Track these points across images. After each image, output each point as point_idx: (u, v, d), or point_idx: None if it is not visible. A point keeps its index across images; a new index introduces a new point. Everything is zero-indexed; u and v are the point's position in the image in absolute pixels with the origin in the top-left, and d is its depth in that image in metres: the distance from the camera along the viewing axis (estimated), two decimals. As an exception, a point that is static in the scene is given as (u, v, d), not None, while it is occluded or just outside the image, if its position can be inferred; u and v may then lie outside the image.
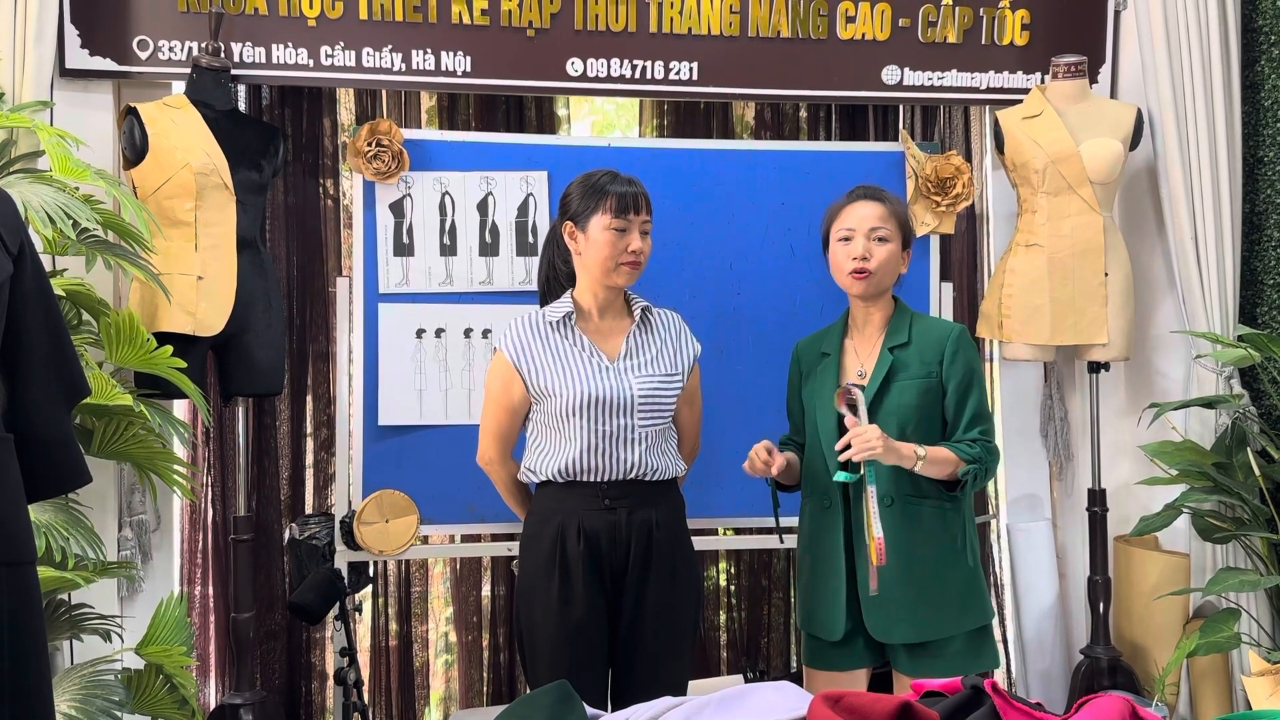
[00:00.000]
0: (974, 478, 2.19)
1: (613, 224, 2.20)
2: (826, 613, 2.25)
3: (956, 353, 2.23)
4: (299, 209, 3.30)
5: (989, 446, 2.22)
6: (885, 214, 2.27)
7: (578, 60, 3.13)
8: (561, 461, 2.23)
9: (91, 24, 2.90)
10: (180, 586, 3.14)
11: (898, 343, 2.26)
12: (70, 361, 1.74)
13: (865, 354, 2.30)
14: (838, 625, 2.23)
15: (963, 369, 2.23)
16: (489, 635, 3.43)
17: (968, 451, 2.18)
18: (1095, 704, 1.31)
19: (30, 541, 1.63)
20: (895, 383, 2.22)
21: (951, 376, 2.23)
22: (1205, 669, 3.10)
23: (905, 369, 2.23)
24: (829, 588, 2.25)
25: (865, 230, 2.25)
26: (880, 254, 2.24)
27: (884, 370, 2.23)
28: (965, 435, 2.21)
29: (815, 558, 2.29)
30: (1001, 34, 3.29)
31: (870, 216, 2.26)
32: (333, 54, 3.02)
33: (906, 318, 2.31)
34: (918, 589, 2.18)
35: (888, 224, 2.26)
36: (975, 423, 2.22)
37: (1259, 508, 2.87)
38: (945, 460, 2.16)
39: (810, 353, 2.38)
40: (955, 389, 2.23)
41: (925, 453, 2.14)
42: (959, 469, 2.17)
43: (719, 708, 1.44)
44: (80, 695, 2.21)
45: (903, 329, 2.28)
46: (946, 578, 2.21)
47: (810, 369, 2.36)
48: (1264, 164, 3.18)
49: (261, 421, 3.25)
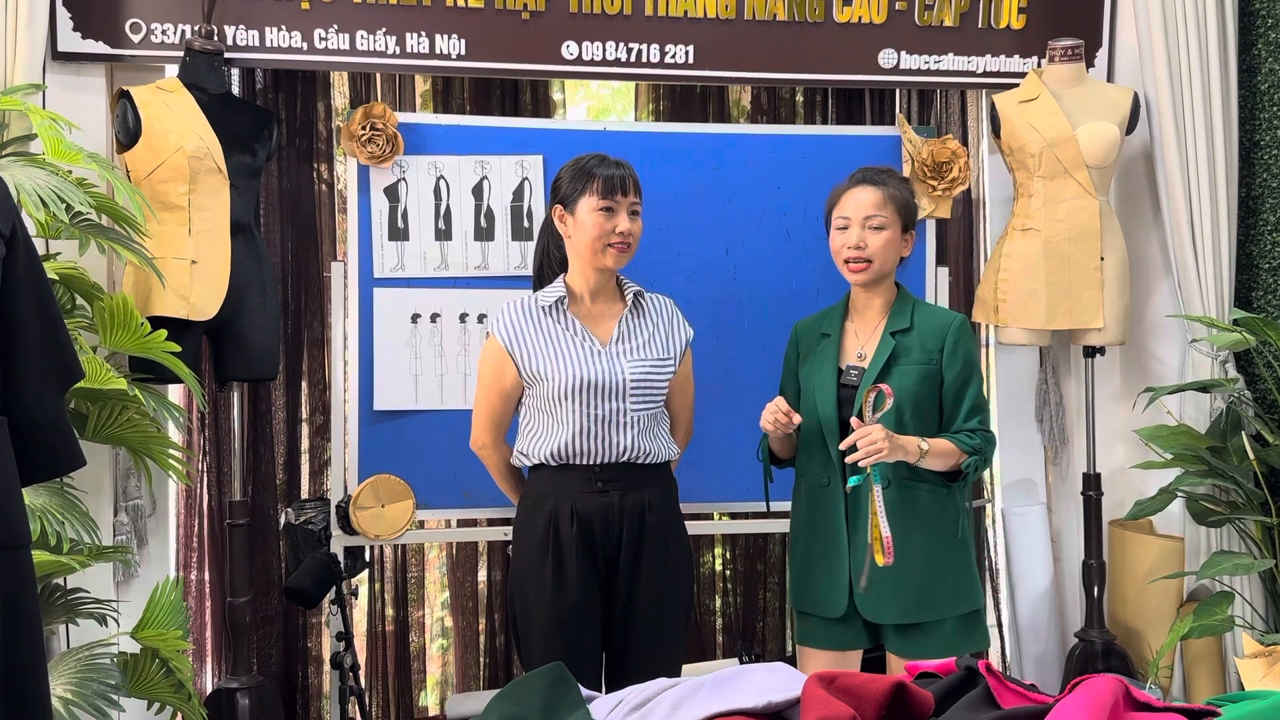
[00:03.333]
0: (974, 469, 2.21)
1: (600, 205, 2.20)
2: (826, 591, 2.26)
3: (958, 342, 2.24)
4: (293, 193, 3.28)
5: (987, 436, 2.24)
6: (882, 200, 2.26)
7: (573, 43, 3.11)
8: (554, 445, 2.23)
9: (84, 7, 2.88)
10: (176, 571, 3.14)
11: (900, 327, 2.26)
12: (63, 345, 1.73)
13: (866, 337, 2.30)
14: (839, 603, 2.24)
15: (963, 359, 2.24)
16: (485, 620, 3.44)
17: (968, 443, 2.20)
18: (1089, 684, 1.31)
19: (24, 525, 1.63)
20: (897, 367, 2.23)
21: (951, 366, 2.24)
22: (1199, 652, 3.11)
23: (907, 354, 2.23)
24: (829, 566, 2.25)
25: (860, 219, 2.25)
26: (876, 243, 2.24)
27: (886, 354, 2.24)
28: (965, 425, 2.22)
29: (813, 537, 2.29)
30: (998, 17, 3.28)
31: (866, 204, 2.25)
32: (326, 37, 3.01)
33: (909, 303, 2.31)
34: (912, 571, 2.19)
35: (884, 210, 2.25)
36: (974, 413, 2.23)
37: (1253, 491, 2.88)
38: (948, 452, 2.18)
39: (810, 333, 2.38)
40: (955, 379, 2.24)
41: (929, 446, 2.15)
42: (961, 461, 2.19)
43: (713, 689, 1.44)
44: (76, 679, 2.21)
45: (905, 314, 2.28)
46: (941, 561, 2.22)
47: (809, 349, 2.36)
48: (1260, 148, 3.17)
49: (257, 407, 3.24)
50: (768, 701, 1.38)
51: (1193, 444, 2.94)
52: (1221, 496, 3.00)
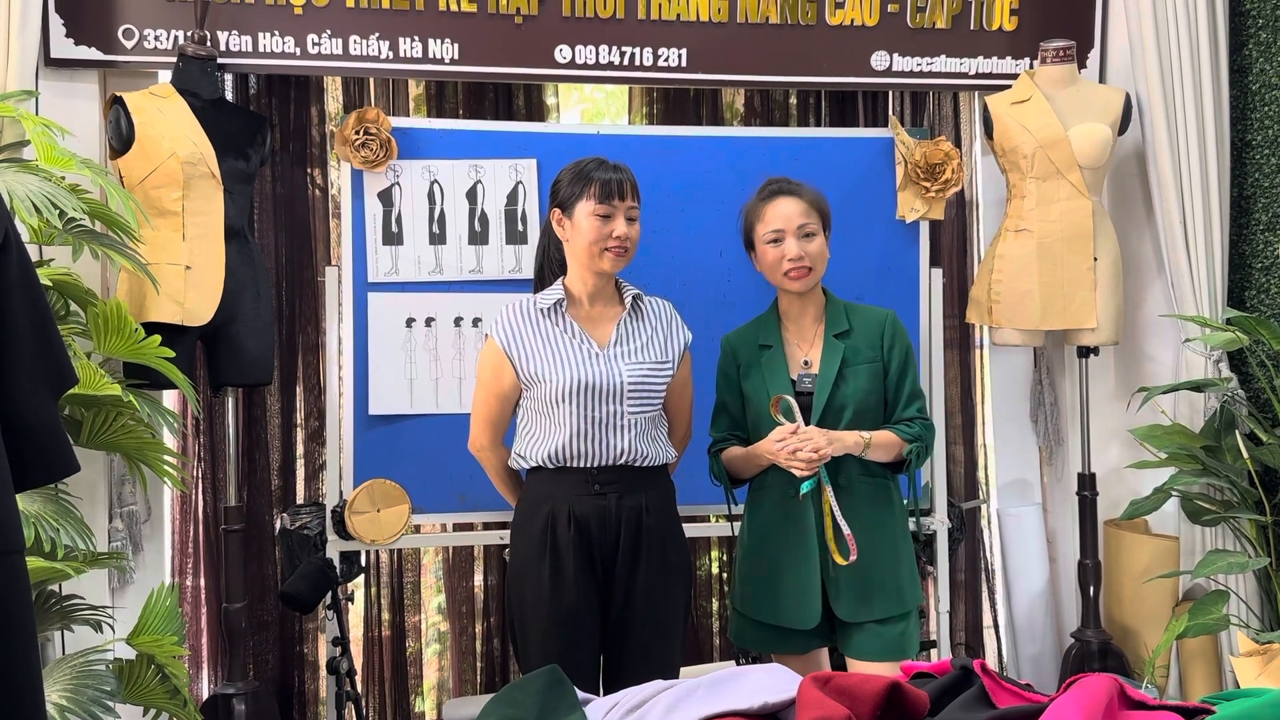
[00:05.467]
0: (916, 456, 2.26)
1: (597, 210, 2.21)
2: (799, 602, 2.26)
3: (895, 335, 2.31)
4: (287, 199, 3.28)
5: (926, 424, 2.30)
6: (806, 208, 2.29)
7: (566, 47, 3.12)
8: (551, 447, 2.23)
9: (76, 13, 2.88)
10: (171, 577, 3.13)
11: (840, 330, 2.30)
12: (57, 349, 1.72)
13: (806, 344, 2.33)
14: (813, 613, 2.25)
15: (902, 352, 2.31)
16: (481, 625, 3.44)
17: (908, 432, 2.26)
18: (1084, 683, 1.32)
19: (18, 530, 1.62)
20: (849, 369, 2.27)
21: (893, 359, 2.30)
22: (1195, 651, 3.12)
23: (856, 355, 2.28)
24: (801, 576, 2.26)
25: (793, 229, 2.27)
26: (812, 249, 2.27)
27: (836, 359, 2.27)
28: (904, 414, 2.29)
29: (780, 548, 2.29)
30: (990, 19, 3.29)
31: (794, 214, 2.28)
32: (320, 42, 3.01)
33: (840, 306, 2.36)
34: (878, 566, 2.24)
35: (810, 218, 2.29)
36: (912, 400, 2.30)
37: (1247, 490, 2.88)
38: (890, 443, 2.24)
39: (747, 345, 2.38)
40: (895, 370, 2.30)
41: (870, 438, 2.21)
42: (903, 449, 2.25)
43: (709, 690, 1.44)
44: (71, 685, 2.20)
45: (840, 317, 2.32)
46: (899, 554, 2.28)
47: (750, 362, 2.36)
48: (1252, 148, 3.18)
49: (251, 413, 3.24)
50: (763, 702, 1.38)
51: (1187, 443, 2.95)
52: (1216, 495, 3.01)
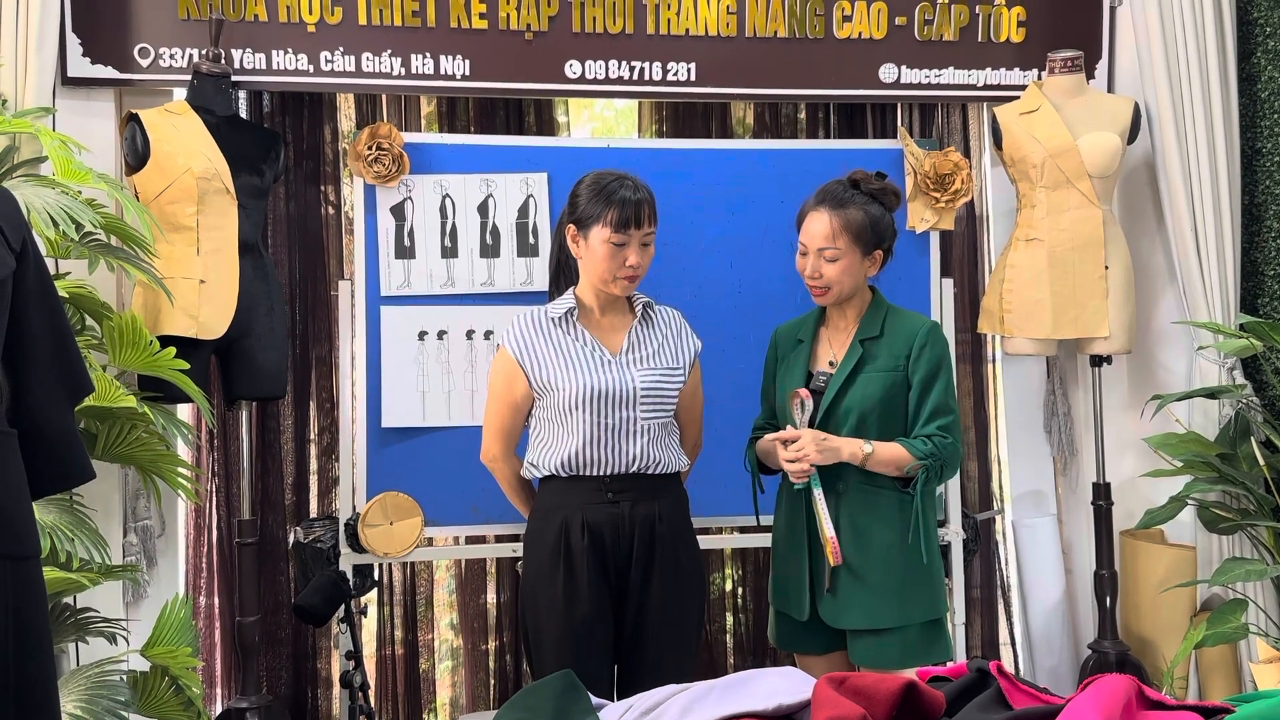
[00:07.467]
0: (926, 474, 2.18)
1: (612, 238, 2.21)
2: (796, 592, 2.30)
3: (924, 347, 2.23)
4: (300, 216, 3.30)
5: (947, 443, 2.20)
6: (834, 231, 2.23)
7: (576, 62, 3.14)
8: (563, 454, 2.24)
9: (93, 32, 2.91)
10: (185, 591, 3.14)
11: (869, 335, 2.28)
12: (73, 358, 1.74)
13: (838, 344, 2.33)
14: (804, 605, 2.27)
15: (928, 363, 2.23)
16: (494, 640, 3.43)
17: (920, 449, 2.18)
18: (1101, 682, 1.31)
19: (34, 536, 1.64)
20: (862, 374, 2.25)
21: (916, 370, 2.23)
22: (1214, 661, 3.09)
23: (873, 361, 2.25)
24: (797, 567, 2.29)
25: (814, 249, 2.26)
26: (831, 272, 2.24)
27: (853, 361, 2.26)
28: (923, 430, 2.21)
29: (784, 539, 2.35)
30: (998, 31, 3.30)
31: (819, 235, 2.24)
32: (332, 59, 3.04)
33: (881, 311, 2.31)
34: (867, 576, 2.21)
35: (837, 242, 2.23)
36: (935, 416, 2.20)
37: (1264, 497, 2.86)
38: (896, 458, 2.19)
39: (788, 338, 2.41)
40: (919, 382, 2.23)
41: (873, 449, 2.17)
42: (907, 465, 2.18)
43: (724, 692, 1.44)
44: (86, 695, 2.21)
45: (875, 322, 2.29)
46: (897, 567, 2.22)
47: (785, 354, 2.39)
48: (1262, 155, 3.18)
49: (265, 426, 3.25)
50: (778, 704, 1.38)
51: (1202, 451, 2.93)
52: (1232, 503, 2.99)
